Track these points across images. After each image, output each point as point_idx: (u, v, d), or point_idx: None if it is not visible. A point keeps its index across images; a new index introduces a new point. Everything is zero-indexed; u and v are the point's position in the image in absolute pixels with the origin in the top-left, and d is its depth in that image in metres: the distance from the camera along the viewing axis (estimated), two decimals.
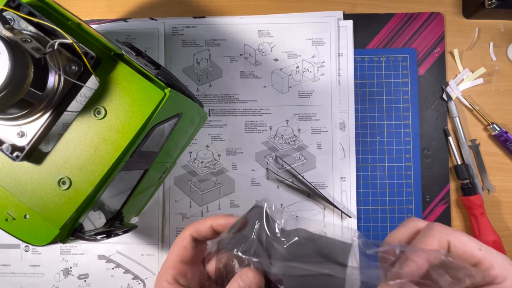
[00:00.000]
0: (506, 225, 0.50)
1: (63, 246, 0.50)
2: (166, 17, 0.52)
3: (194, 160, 0.51)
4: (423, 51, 0.51)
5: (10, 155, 0.28)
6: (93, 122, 0.29)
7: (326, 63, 0.51)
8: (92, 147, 0.29)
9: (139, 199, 0.45)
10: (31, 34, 0.28)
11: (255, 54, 0.51)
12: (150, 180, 0.44)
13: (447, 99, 0.50)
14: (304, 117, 0.50)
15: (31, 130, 0.29)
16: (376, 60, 0.51)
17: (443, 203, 0.50)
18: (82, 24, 0.31)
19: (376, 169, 0.50)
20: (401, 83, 0.51)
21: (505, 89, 0.51)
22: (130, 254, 0.50)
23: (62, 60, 0.29)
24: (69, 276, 0.50)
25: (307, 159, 0.50)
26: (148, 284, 0.49)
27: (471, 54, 0.52)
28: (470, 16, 0.52)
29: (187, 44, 0.51)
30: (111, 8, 0.53)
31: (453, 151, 0.50)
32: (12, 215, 0.30)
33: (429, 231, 0.26)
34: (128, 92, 0.30)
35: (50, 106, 0.29)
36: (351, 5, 0.52)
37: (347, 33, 0.51)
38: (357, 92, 0.51)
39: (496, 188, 0.50)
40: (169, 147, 0.42)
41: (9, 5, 0.28)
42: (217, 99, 0.51)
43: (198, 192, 0.50)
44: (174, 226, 0.50)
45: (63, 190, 0.29)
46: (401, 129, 0.51)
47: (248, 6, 0.53)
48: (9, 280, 0.50)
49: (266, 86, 0.51)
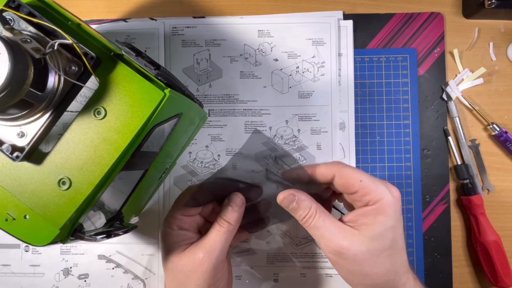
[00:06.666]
0: (506, 225, 0.50)
1: (63, 246, 0.50)
2: (166, 17, 0.52)
3: (194, 160, 0.51)
4: (423, 51, 0.51)
5: (10, 155, 0.28)
6: (93, 122, 0.29)
7: (326, 63, 0.51)
8: (92, 147, 0.29)
9: (139, 199, 0.45)
10: (31, 34, 0.28)
11: (255, 54, 0.51)
12: (150, 180, 0.44)
13: (447, 99, 0.50)
14: (304, 117, 0.50)
15: (31, 131, 0.29)
16: (376, 60, 0.51)
17: (443, 203, 0.50)
18: (82, 24, 0.31)
19: (376, 169, 0.50)
20: (401, 83, 0.51)
21: (505, 89, 0.51)
22: (130, 254, 0.50)
23: (62, 60, 0.29)
24: (69, 276, 0.50)
25: (306, 159, 0.50)
26: (148, 284, 0.49)
27: (471, 54, 0.52)
28: (470, 16, 0.52)
29: (187, 44, 0.51)
30: (111, 8, 0.53)
31: (453, 151, 0.50)
32: (12, 215, 0.30)
33: (328, 163, 0.37)
34: (128, 93, 0.30)
35: (50, 106, 0.29)
36: (351, 5, 0.52)
37: (347, 33, 0.51)
38: (357, 92, 0.51)
39: (496, 188, 0.50)
40: (169, 147, 0.42)
41: (9, 6, 0.28)
42: (217, 100, 0.51)
43: None
44: None
45: (63, 190, 0.29)
46: (401, 129, 0.51)
47: (248, 6, 0.53)
48: (9, 280, 0.50)
49: (266, 87, 0.51)
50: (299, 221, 0.36)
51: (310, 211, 0.35)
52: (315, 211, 0.35)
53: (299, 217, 0.35)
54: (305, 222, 0.35)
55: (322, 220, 0.34)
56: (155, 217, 0.50)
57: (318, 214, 0.34)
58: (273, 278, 0.50)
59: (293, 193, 0.35)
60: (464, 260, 0.50)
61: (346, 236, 0.33)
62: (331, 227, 0.34)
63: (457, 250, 0.50)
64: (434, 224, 0.50)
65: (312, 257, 0.50)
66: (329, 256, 0.35)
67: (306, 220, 0.35)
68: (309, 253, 0.50)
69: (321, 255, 0.50)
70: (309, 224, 0.35)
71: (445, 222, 0.50)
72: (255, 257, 0.50)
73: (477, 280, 0.50)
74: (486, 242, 0.48)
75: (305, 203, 0.35)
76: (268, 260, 0.50)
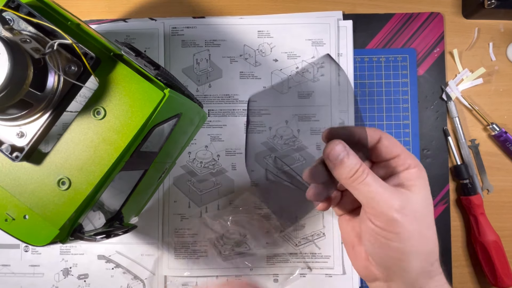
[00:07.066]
0: (506, 225, 0.50)
1: (63, 246, 0.50)
2: (166, 17, 0.52)
3: (193, 160, 0.51)
4: (423, 51, 0.51)
5: (10, 155, 0.28)
6: (92, 122, 0.29)
7: (326, 63, 0.51)
8: (91, 147, 0.29)
9: (138, 199, 0.45)
10: (30, 34, 0.28)
11: (255, 55, 0.51)
12: (150, 180, 0.44)
13: (446, 99, 0.50)
14: (304, 117, 0.50)
15: (30, 131, 0.29)
16: (376, 60, 0.51)
17: (443, 203, 0.50)
18: (82, 24, 0.31)
19: None
20: (401, 83, 0.51)
21: (504, 89, 0.51)
22: (130, 254, 0.50)
23: (62, 60, 0.29)
24: (69, 276, 0.50)
25: (306, 159, 0.50)
26: (148, 284, 0.49)
27: (470, 54, 0.52)
28: (470, 16, 0.52)
29: (187, 44, 0.51)
30: (110, 8, 0.53)
31: (452, 151, 0.50)
32: (12, 215, 0.30)
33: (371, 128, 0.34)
34: (128, 93, 0.30)
35: (49, 106, 0.29)
36: (350, 5, 0.52)
37: (346, 33, 0.51)
38: (357, 92, 0.51)
39: (496, 188, 0.50)
40: (169, 147, 0.42)
41: (8, 6, 0.28)
42: (216, 100, 0.51)
43: (197, 193, 0.50)
44: (173, 226, 0.50)
45: (63, 190, 0.29)
46: (400, 129, 0.51)
47: (248, 6, 0.53)
48: (9, 280, 0.50)
49: (265, 87, 0.51)
50: (342, 179, 0.31)
51: (361, 166, 0.30)
52: (365, 167, 0.30)
53: (348, 172, 0.30)
54: (356, 179, 0.30)
55: (372, 177, 0.30)
56: (155, 217, 0.50)
57: (368, 170, 0.30)
58: (273, 279, 0.50)
59: (343, 144, 0.31)
60: (464, 260, 0.50)
61: (399, 195, 0.30)
62: (382, 187, 0.30)
63: (457, 250, 0.50)
64: None
65: (312, 257, 0.50)
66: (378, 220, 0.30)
67: (357, 176, 0.30)
68: (309, 253, 0.50)
69: (320, 255, 0.50)
70: (361, 181, 0.30)
71: (445, 222, 0.50)
72: (255, 257, 0.50)
73: (477, 280, 0.50)
74: (486, 242, 0.48)
75: (355, 156, 0.31)
76: (268, 260, 0.50)
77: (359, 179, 0.30)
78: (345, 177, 0.31)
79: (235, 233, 0.50)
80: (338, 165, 0.31)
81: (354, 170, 0.30)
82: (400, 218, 0.29)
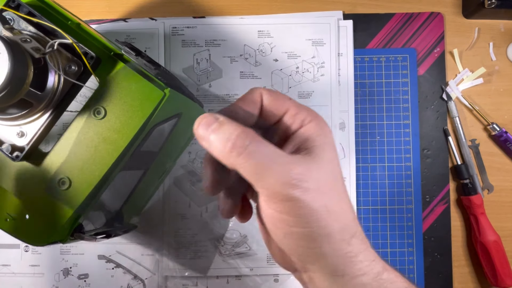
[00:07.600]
0: (506, 225, 0.50)
1: (63, 246, 0.50)
2: (166, 17, 0.52)
3: (194, 160, 0.51)
4: (423, 51, 0.51)
5: (10, 155, 0.28)
6: (93, 122, 0.29)
7: (326, 63, 0.51)
8: (92, 147, 0.29)
9: (139, 199, 0.45)
10: (30, 34, 0.28)
11: (255, 55, 0.51)
12: (150, 180, 0.44)
13: (447, 99, 0.50)
14: None
15: (31, 130, 0.29)
16: (376, 60, 0.51)
17: (443, 203, 0.50)
18: (82, 24, 0.31)
19: (376, 169, 0.50)
20: (401, 83, 0.51)
21: (505, 89, 0.51)
22: (130, 254, 0.50)
23: (62, 60, 0.29)
24: (69, 276, 0.50)
25: None
26: (148, 284, 0.49)
27: (471, 54, 0.52)
28: (470, 16, 0.52)
29: (187, 44, 0.51)
30: (110, 8, 0.53)
31: (453, 151, 0.50)
32: (12, 215, 0.30)
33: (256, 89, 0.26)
34: (128, 92, 0.30)
35: (50, 106, 0.29)
36: (351, 5, 0.52)
37: (347, 33, 0.51)
38: (357, 92, 0.51)
39: (496, 188, 0.50)
40: (169, 147, 0.42)
41: (8, 5, 0.28)
42: (217, 99, 0.51)
43: (197, 193, 0.50)
44: (173, 226, 0.50)
45: (63, 190, 0.29)
46: (401, 129, 0.51)
47: (248, 6, 0.53)
48: (9, 280, 0.50)
49: (266, 87, 0.51)
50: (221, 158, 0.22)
51: (242, 132, 0.22)
52: (247, 132, 0.22)
53: (224, 145, 0.22)
54: (236, 149, 0.21)
55: (257, 145, 0.22)
56: (156, 217, 0.50)
57: (252, 136, 0.22)
58: (273, 279, 0.50)
59: (213, 115, 0.23)
60: (464, 260, 0.50)
61: (296, 165, 0.22)
62: (271, 156, 0.22)
63: (457, 250, 0.50)
64: (434, 224, 0.50)
65: None
66: (273, 202, 0.23)
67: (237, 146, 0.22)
68: None
69: None
70: (243, 151, 0.21)
71: (445, 222, 0.50)
72: (255, 258, 0.50)
73: (477, 280, 0.50)
74: (486, 242, 0.48)
75: (231, 124, 0.22)
76: (268, 260, 0.50)
77: (239, 149, 0.22)
78: (222, 152, 0.22)
79: (235, 233, 0.50)
80: (211, 141, 0.23)
81: (231, 139, 0.22)
82: (300, 195, 0.22)
